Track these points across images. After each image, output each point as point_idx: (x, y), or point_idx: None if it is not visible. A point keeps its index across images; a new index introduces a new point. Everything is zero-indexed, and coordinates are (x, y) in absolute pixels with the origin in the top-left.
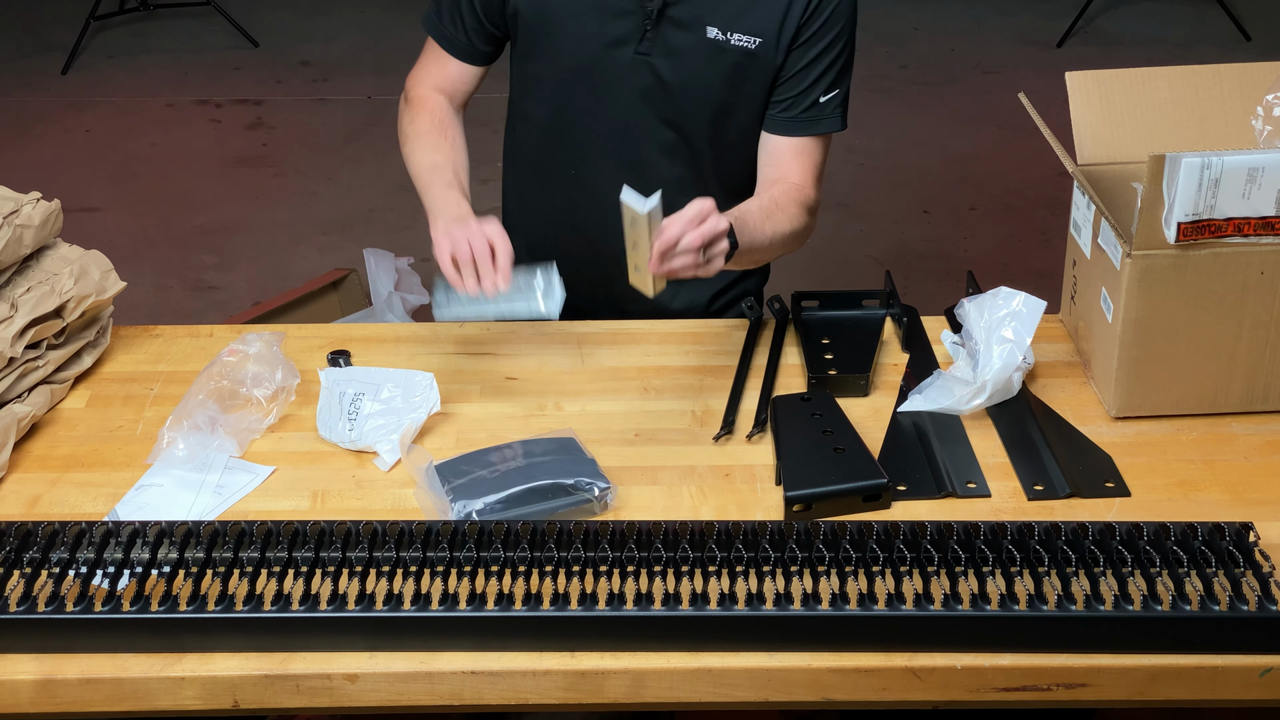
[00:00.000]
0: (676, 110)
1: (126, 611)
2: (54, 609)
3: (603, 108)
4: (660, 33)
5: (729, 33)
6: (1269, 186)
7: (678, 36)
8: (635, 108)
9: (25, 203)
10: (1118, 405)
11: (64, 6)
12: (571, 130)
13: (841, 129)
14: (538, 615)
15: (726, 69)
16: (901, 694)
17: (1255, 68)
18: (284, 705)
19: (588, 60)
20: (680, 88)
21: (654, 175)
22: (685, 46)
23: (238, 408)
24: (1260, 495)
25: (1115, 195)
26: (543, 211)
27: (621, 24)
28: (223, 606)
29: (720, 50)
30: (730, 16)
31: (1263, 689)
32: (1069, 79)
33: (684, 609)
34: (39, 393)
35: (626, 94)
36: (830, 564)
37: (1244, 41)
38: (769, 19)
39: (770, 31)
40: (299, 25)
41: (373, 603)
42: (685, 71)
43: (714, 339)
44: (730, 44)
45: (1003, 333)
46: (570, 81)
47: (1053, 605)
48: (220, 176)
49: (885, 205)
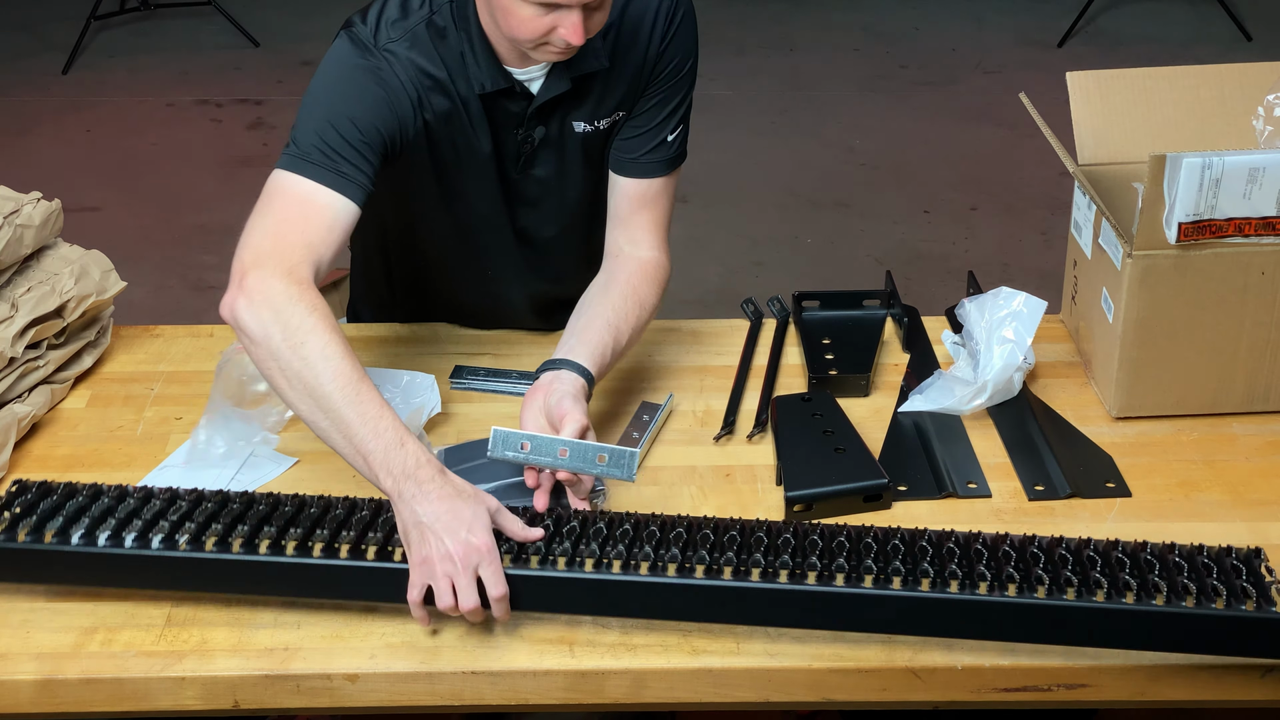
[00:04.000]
0: (564, 200)
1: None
2: (59, 540)
3: (496, 219)
4: (538, 150)
5: (595, 121)
6: (1270, 186)
7: (553, 143)
8: (526, 212)
9: (26, 202)
10: (1118, 405)
11: (64, 6)
12: (466, 239)
13: (684, 160)
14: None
15: (598, 149)
16: (901, 694)
17: (1256, 68)
18: (284, 705)
19: (488, 186)
20: (562, 180)
21: (549, 255)
22: (560, 146)
23: (256, 403)
24: (1261, 495)
25: (1116, 195)
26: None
27: (508, 150)
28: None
29: (591, 138)
30: (593, 108)
31: (1264, 689)
32: (1070, 79)
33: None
34: (39, 393)
35: (524, 206)
36: (835, 568)
37: (1244, 41)
38: (626, 92)
39: (629, 101)
40: (299, 25)
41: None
42: (565, 166)
43: (714, 339)
44: (599, 129)
45: (1003, 333)
46: (453, 206)
47: (1043, 594)
48: (221, 176)
49: (886, 205)
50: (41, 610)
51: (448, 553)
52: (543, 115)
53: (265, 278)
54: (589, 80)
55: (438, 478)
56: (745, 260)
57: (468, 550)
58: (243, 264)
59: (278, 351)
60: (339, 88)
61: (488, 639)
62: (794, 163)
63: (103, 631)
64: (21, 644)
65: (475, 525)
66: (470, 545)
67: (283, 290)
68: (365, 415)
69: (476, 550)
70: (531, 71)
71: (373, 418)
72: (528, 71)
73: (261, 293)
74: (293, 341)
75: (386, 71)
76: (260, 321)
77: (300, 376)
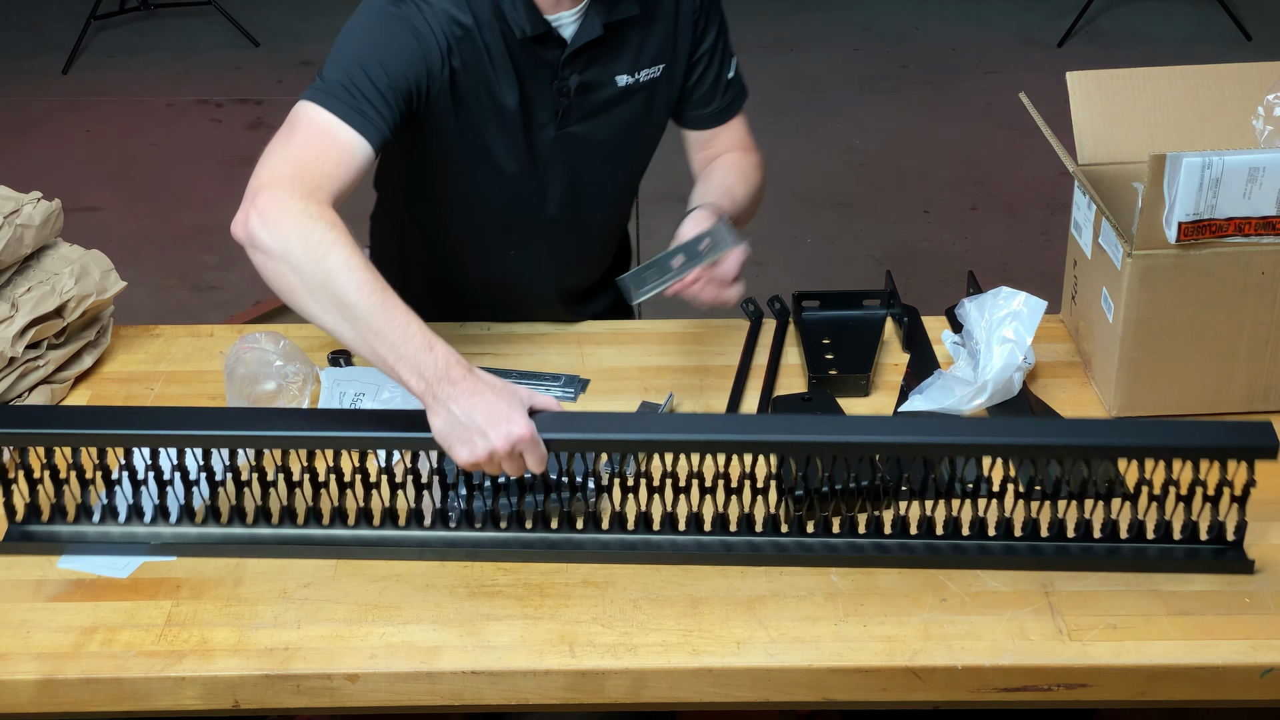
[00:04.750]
0: (603, 163)
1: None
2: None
3: (524, 183)
4: (575, 101)
5: (636, 73)
6: (1270, 186)
7: (593, 98)
8: (564, 174)
9: (26, 202)
10: (1118, 405)
11: (64, 6)
12: (491, 211)
13: (747, 93)
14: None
15: (639, 106)
16: (902, 694)
17: (1256, 67)
18: (284, 705)
19: (515, 146)
20: (601, 140)
21: (586, 227)
22: (601, 102)
23: (268, 399)
24: (1261, 495)
25: (1116, 195)
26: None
27: (540, 104)
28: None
29: (634, 94)
30: (632, 58)
31: (1263, 689)
32: (1070, 79)
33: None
34: (39, 393)
35: (556, 168)
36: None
37: (1244, 41)
38: (663, 42)
39: (667, 52)
40: (299, 25)
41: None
42: (606, 124)
43: (714, 339)
44: (640, 81)
45: (1003, 332)
46: (478, 172)
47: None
48: (221, 176)
49: (886, 205)
50: (41, 610)
51: (492, 450)
52: (579, 65)
53: (282, 197)
54: (623, 28)
55: (469, 376)
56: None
57: (511, 442)
58: (259, 183)
59: (299, 265)
60: (371, 34)
61: (488, 639)
62: (794, 162)
63: (103, 631)
64: (21, 644)
65: (513, 415)
66: (512, 436)
67: (302, 208)
68: (394, 322)
69: (520, 440)
70: (563, 17)
71: (400, 324)
72: (559, 17)
73: (278, 209)
74: (314, 255)
75: (419, 20)
76: (278, 237)
77: (325, 287)
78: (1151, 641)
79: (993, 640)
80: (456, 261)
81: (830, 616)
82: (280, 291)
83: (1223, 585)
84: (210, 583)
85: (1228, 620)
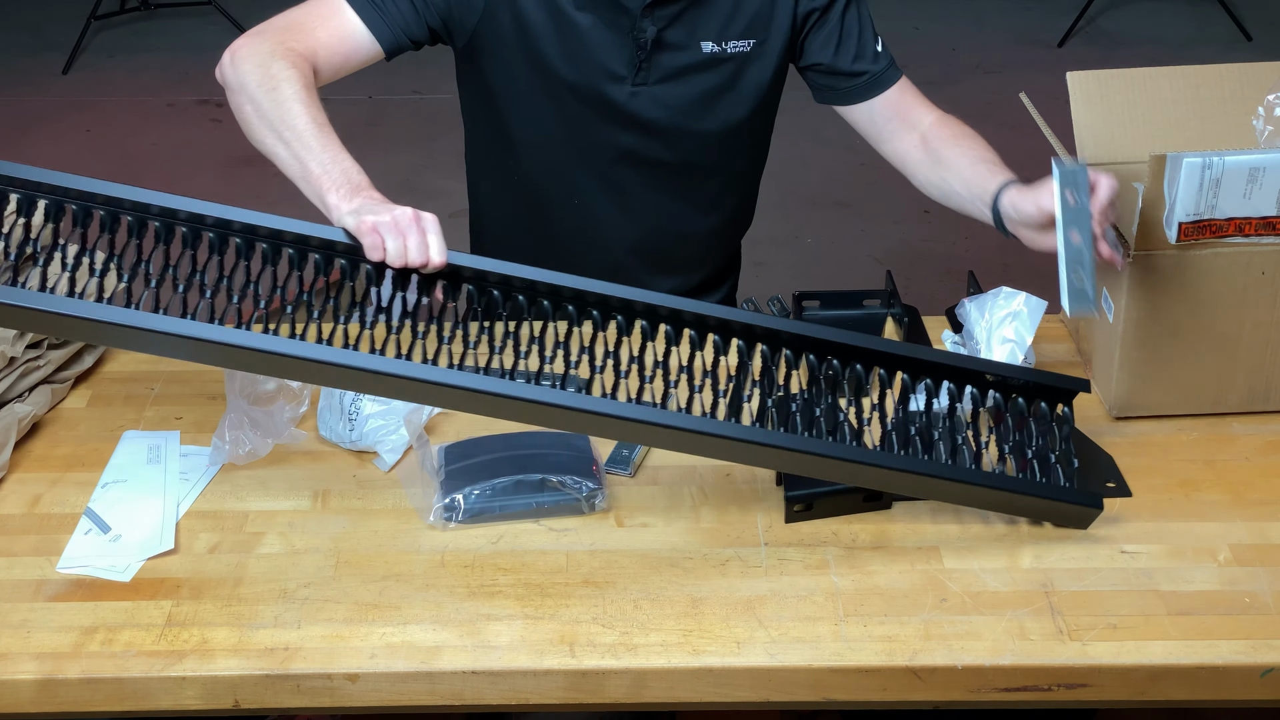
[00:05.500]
0: (675, 135)
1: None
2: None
3: (602, 138)
4: (654, 60)
5: (723, 42)
6: (1270, 186)
7: (675, 58)
8: (632, 138)
9: None
10: (1119, 405)
11: (64, 6)
12: (568, 160)
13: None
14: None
15: (724, 79)
16: (902, 694)
17: (1256, 68)
18: (284, 705)
19: (585, 93)
20: (681, 111)
21: (643, 203)
22: (685, 65)
23: (268, 398)
24: (1261, 495)
25: (1116, 195)
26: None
27: (615, 57)
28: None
29: (721, 64)
30: (721, 25)
31: (1264, 689)
32: (1070, 79)
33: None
34: (40, 392)
35: (626, 125)
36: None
37: (1245, 41)
38: (756, 16)
39: (761, 30)
40: None
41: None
42: (689, 88)
43: None
44: (727, 53)
45: (1004, 332)
46: (566, 111)
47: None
48: (221, 176)
49: (886, 205)
50: (41, 610)
51: (393, 218)
52: (663, 19)
53: (256, 41)
54: None
55: (386, 200)
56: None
57: (416, 215)
58: (248, 30)
59: (254, 95)
60: None
61: (488, 639)
62: (794, 162)
63: (103, 631)
64: (21, 644)
65: (418, 211)
66: (417, 214)
67: (269, 50)
68: (328, 145)
69: (422, 216)
70: None
71: (334, 149)
72: None
73: (247, 49)
74: (268, 85)
75: None
76: (239, 71)
77: (270, 113)
78: (1151, 641)
79: (993, 640)
80: (525, 218)
81: (830, 616)
82: (242, 125)
83: (1223, 585)
84: (210, 582)
85: (1228, 620)
